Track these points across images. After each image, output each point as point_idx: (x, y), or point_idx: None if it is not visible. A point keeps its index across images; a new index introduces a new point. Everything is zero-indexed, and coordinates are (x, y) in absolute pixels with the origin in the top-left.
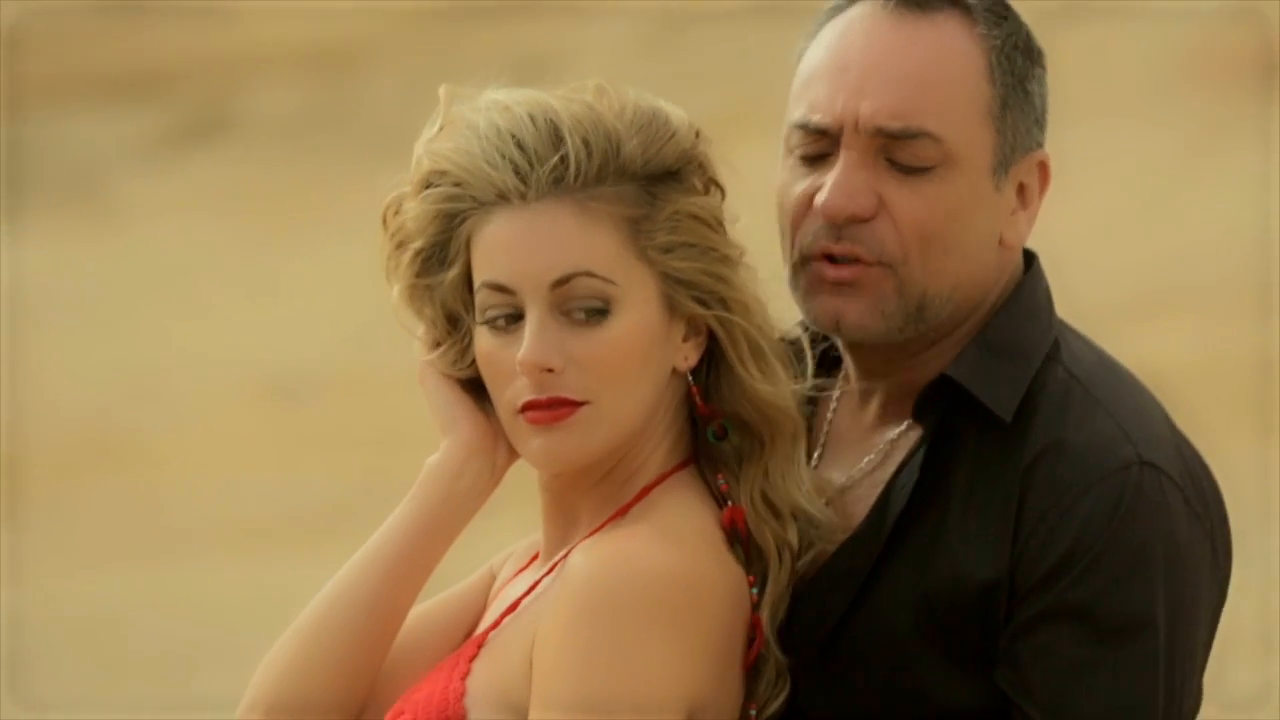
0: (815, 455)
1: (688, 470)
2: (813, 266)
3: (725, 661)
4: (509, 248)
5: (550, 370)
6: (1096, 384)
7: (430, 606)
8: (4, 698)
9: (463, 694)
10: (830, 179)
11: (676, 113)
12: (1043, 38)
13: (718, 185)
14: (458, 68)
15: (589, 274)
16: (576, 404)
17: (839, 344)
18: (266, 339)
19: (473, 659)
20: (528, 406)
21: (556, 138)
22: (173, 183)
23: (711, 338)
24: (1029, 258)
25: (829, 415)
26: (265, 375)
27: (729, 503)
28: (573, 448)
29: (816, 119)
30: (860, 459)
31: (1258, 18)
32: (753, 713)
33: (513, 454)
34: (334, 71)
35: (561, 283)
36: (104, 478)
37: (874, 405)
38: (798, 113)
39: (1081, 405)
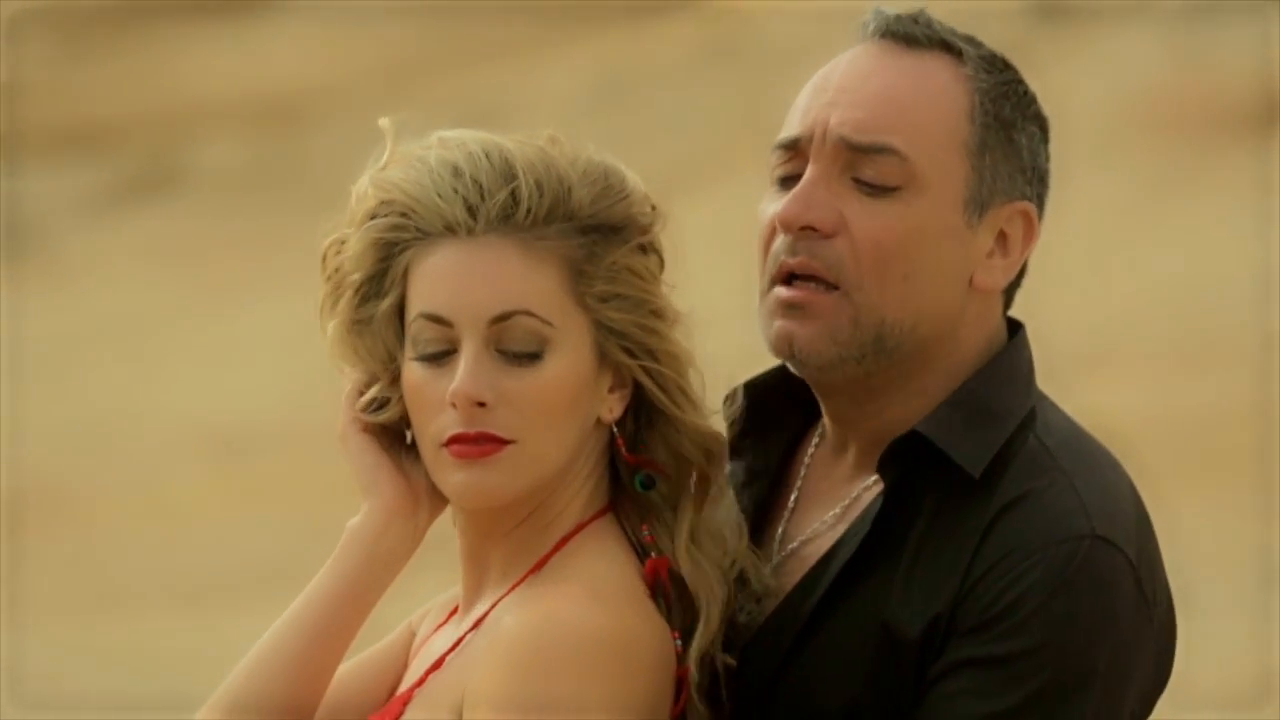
0: (789, 506)
1: (606, 519)
2: (771, 294)
3: (652, 714)
4: (450, 280)
5: (482, 405)
6: (1066, 455)
7: (351, 666)
8: None
9: None
10: (791, 190)
11: (633, 178)
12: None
13: (658, 254)
14: (403, 123)
15: (529, 313)
16: (503, 442)
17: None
18: (211, 394)
19: (398, 717)
20: (454, 440)
21: (509, 175)
22: (119, 237)
23: (637, 391)
24: (1015, 327)
25: (803, 469)
26: (209, 430)
27: (650, 554)
28: (494, 485)
29: (790, 131)
30: (826, 512)
31: (1207, 66)
32: None
33: (434, 513)
34: (280, 126)
35: (501, 319)
36: (46, 533)
37: (847, 458)
38: (778, 137)
39: (1047, 474)
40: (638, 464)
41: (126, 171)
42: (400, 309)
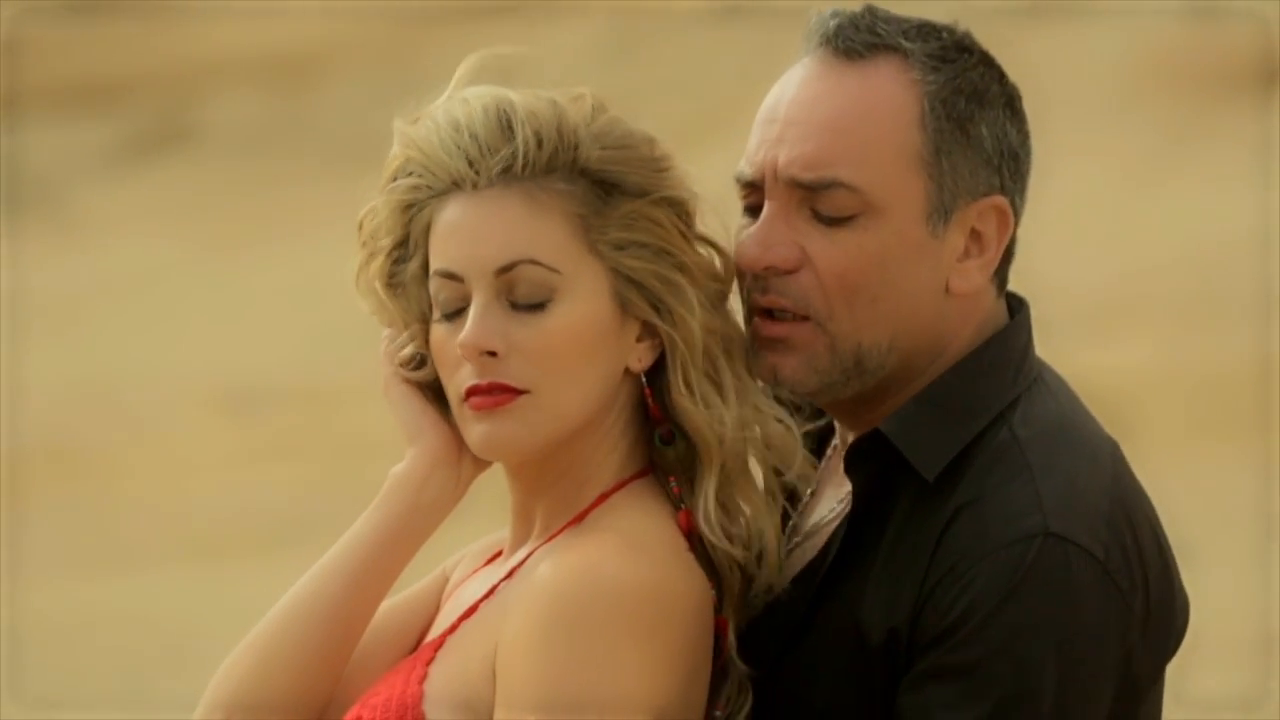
0: (804, 499)
1: (647, 479)
2: (753, 324)
3: (691, 670)
4: (458, 235)
5: (492, 354)
6: (1034, 448)
7: (384, 609)
8: None
9: (421, 697)
10: (750, 230)
11: (667, 155)
12: (1003, 38)
13: (685, 215)
14: (417, 75)
15: (533, 261)
16: (516, 391)
17: None
18: (224, 349)
19: (429, 662)
20: (470, 392)
21: (508, 128)
22: (132, 193)
23: None
24: (1019, 305)
25: (825, 460)
26: (223, 386)
27: (682, 505)
28: (512, 435)
29: (746, 171)
30: (827, 506)
31: (1210, 26)
32: (718, 714)
33: (479, 465)
34: (293, 80)
35: (505, 270)
36: (61, 488)
37: (839, 458)
38: (738, 166)
39: (1007, 469)
40: (661, 418)
41: (136, 127)
42: (426, 268)
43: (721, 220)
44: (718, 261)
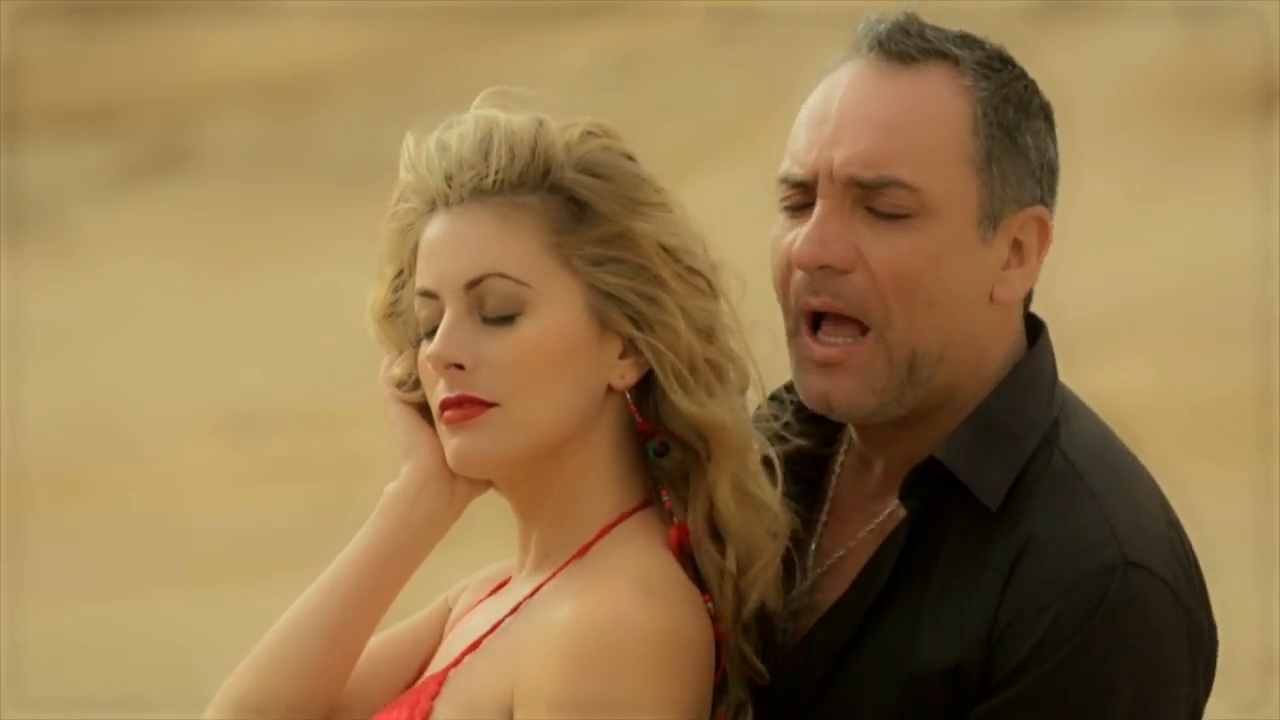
0: (821, 518)
1: (648, 510)
2: (800, 342)
3: (701, 702)
4: (434, 253)
5: (460, 367)
6: (1091, 471)
7: (384, 638)
8: None
9: None
10: (804, 229)
11: (662, 193)
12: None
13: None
14: (415, 100)
15: (501, 275)
16: (485, 404)
17: None
18: (223, 372)
19: (434, 697)
20: (443, 406)
21: (486, 146)
22: (132, 216)
23: None
24: (1037, 328)
25: (834, 478)
26: (222, 408)
27: (674, 519)
28: (483, 449)
29: (796, 171)
30: (860, 528)
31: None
32: None
33: (476, 485)
34: (292, 103)
35: (474, 283)
36: (60, 510)
37: (875, 474)
38: (782, 166)
39: (1072, 495)
40: (650, 430)
41: (136, 149)
42: None
43: (720, 248)
44: (708, 295)
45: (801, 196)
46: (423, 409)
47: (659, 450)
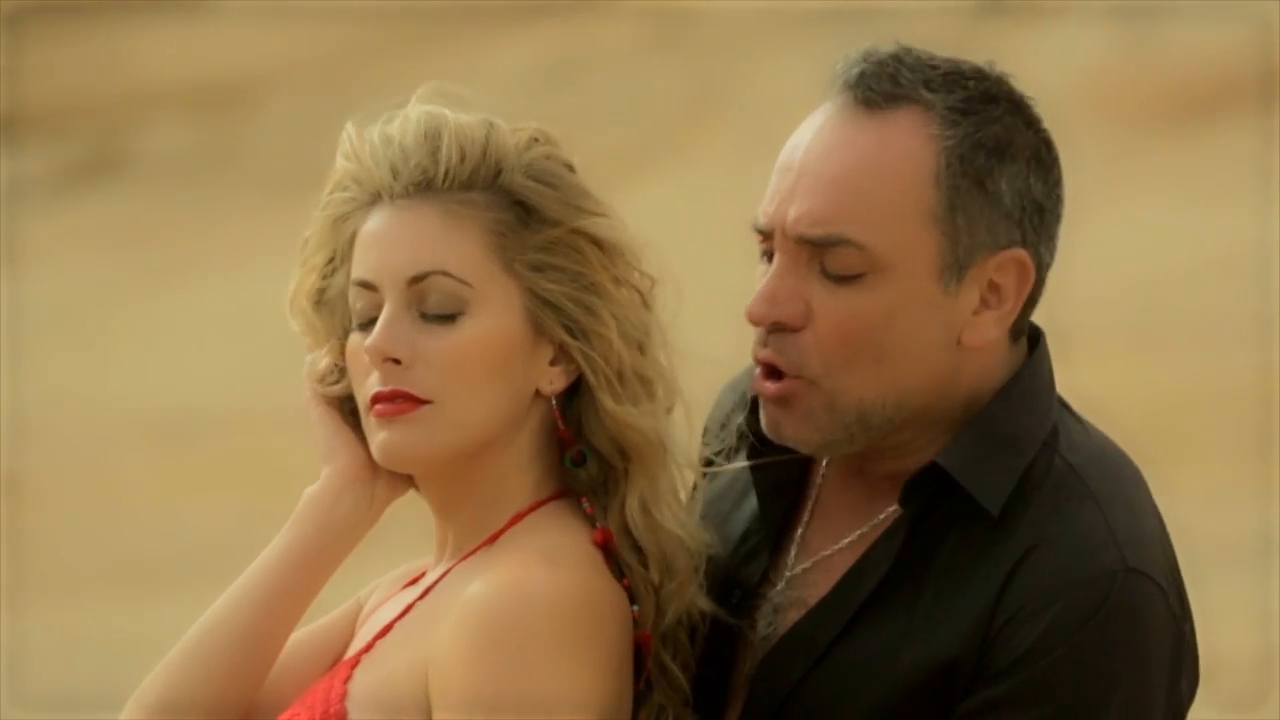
0: (804, 520)
1: (561, 500)
2: (755, 377)
3: (622, 679)
4: (375, 244)
5: (397, 362)
6: (1091, 475)
7: (298, 637)
8: None
9: (345, 716)
10: (760, 283)
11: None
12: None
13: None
14: (353, 104)
15: (445, 273)
16: (419, 401)
17: None
18: (156, 378)
19: (348, 680)
20: (374, 399)
21: (435, 142)
22: (67, 221)
23: None
24: (1036, 337)
25: (818, 480)
26: (153, 415)
27: (597, 524)
28: (412, 444)
29: (760, 221)
30: (853, 529)
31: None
32: None
33: (394, 487)
34: (226, 110)
35: (417, 280)
36: None
37: (869, 477)
38: (756, 213)
39: (1073, 499)
40: (570, 440)
41: (71, 155)
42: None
43: (660, 258)
44: (643, 308)
45: (769, 245)
46: (344, 403)
47: (575, 460)
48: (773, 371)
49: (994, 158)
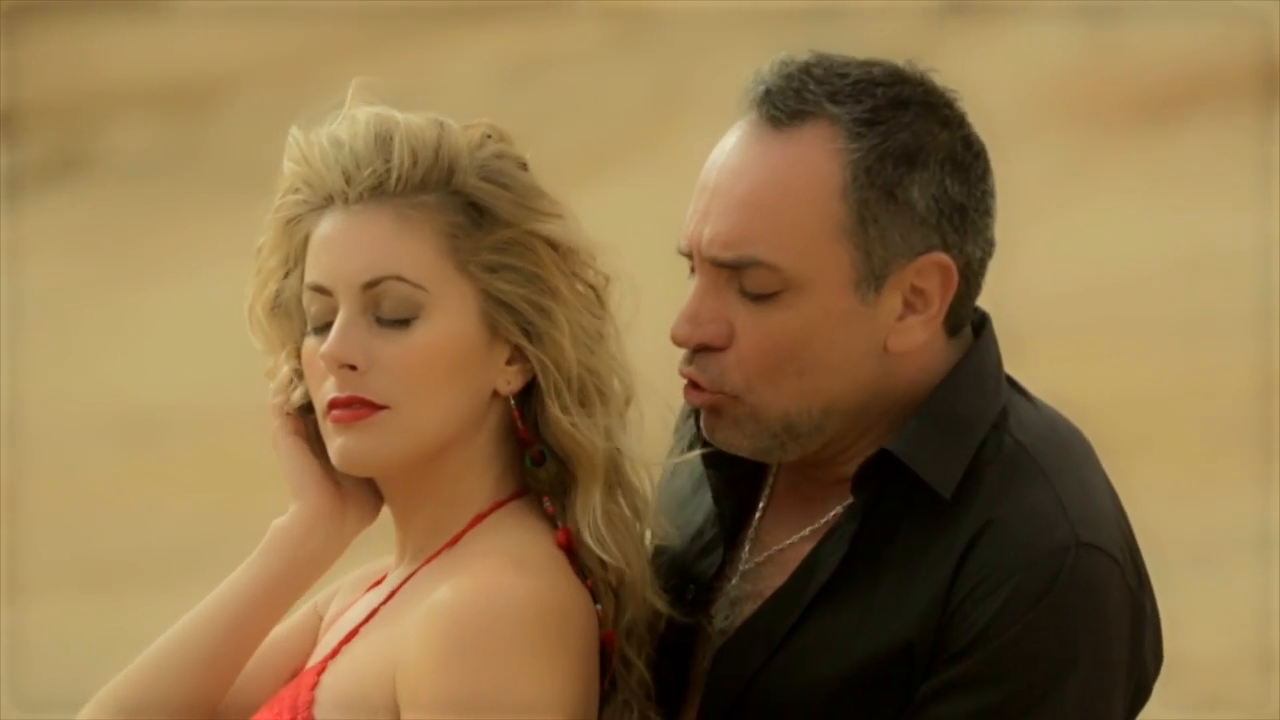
0: (758, 515)
1: (522, 500)
2: (684, 388)
3: (589, 681)
4: (329, 249)
5: (353, 368)
6: (1042, 452)
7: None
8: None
9: None
10: (684, 305)
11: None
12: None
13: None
14: (311, 101)
15: (399, 278)
16: (376, 406)
17: None
18: (121, 378)
19: (314, 688)
20: (331, 405)
21: (387, 145)
22: (30, 221)
23: None
24: (982, 321)
25: (772, 476)
26: (120, 414)
27: (559, 524)
28: (370, 450)
29: (681, 243)
30: (806, 523)
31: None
32: None
33: (362, 522)
34: (188, 110)
35: (371, 285)
36: None
37: (821, 475)
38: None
39: (1025, 476)
40: (529, 439)
41: (33, 154)
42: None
43: (620, 258)
44: (595, 307)
45: (692, 264)
46: (313, 441)
47: (535, 460)
48: (698, 384)
49: (903, 166)
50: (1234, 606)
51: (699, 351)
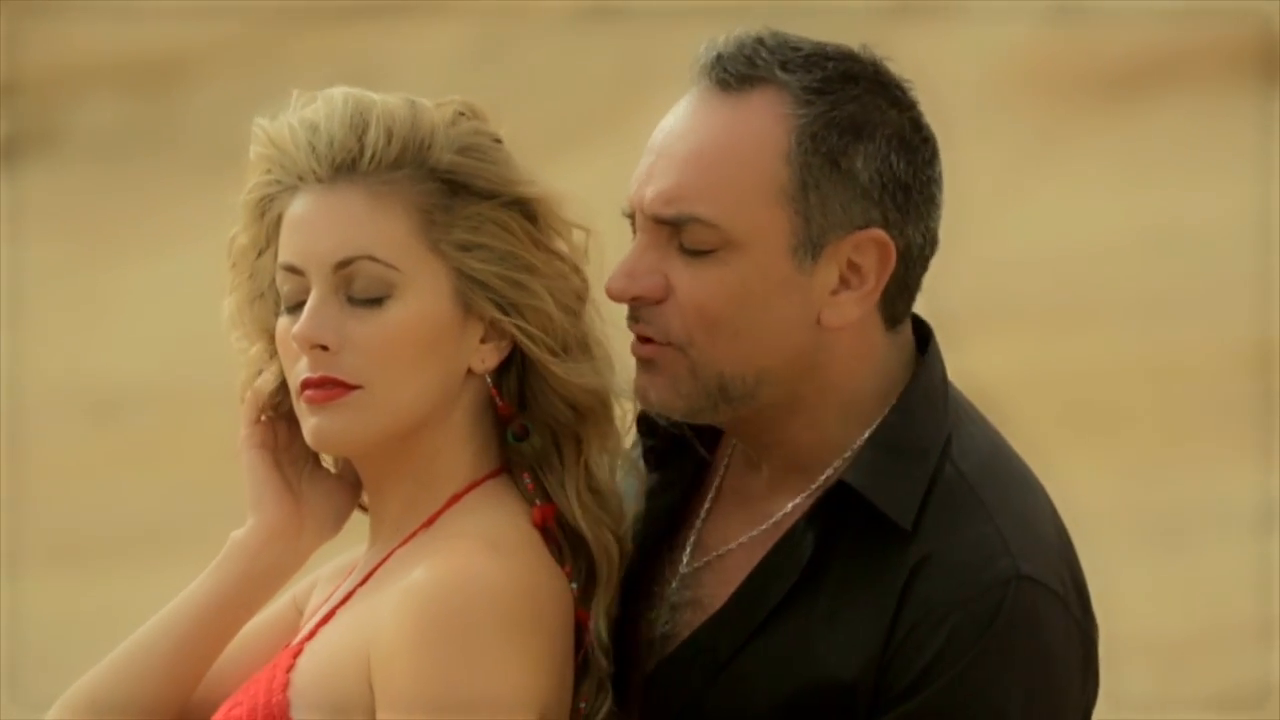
0: (703, 511)
1: (500, 479)
2: (632, 342)
3: (564, 664)
4: (301, 229)
5: (325, 348)
6: (983, 483)
7: (236, 639)
8: None
9: (288, 705)
10: (620, 262)
11: (533, 176)
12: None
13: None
14: (281, 79)
15: (371, 258)
16: (349, 386)
17: None
18: (89, 355)
19: (290, 669)
20: (304, 385)
21: (360, 125)
22: None
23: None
24: (925, 334)
25: (722, 470)
26: (88, 391)
27: (535, 502)
28: (343, 430)
29: (625, 205)
30: (746, 528)
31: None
32: (583, 705)
33: (321, 537)
34: (156, 87)
35: (344, 265)
36: None
37: (763, 475)
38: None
39: (964, 508)
40: (510, 415)
41: (3, 132)
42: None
43: (595, 229)
44: (573, 274)
45: (635, 226)
46: (278, 453)
47: (518, 435)
48: (647, 339)
49: (849, 136)
50: (1200, 580)
51: (640, 306)
